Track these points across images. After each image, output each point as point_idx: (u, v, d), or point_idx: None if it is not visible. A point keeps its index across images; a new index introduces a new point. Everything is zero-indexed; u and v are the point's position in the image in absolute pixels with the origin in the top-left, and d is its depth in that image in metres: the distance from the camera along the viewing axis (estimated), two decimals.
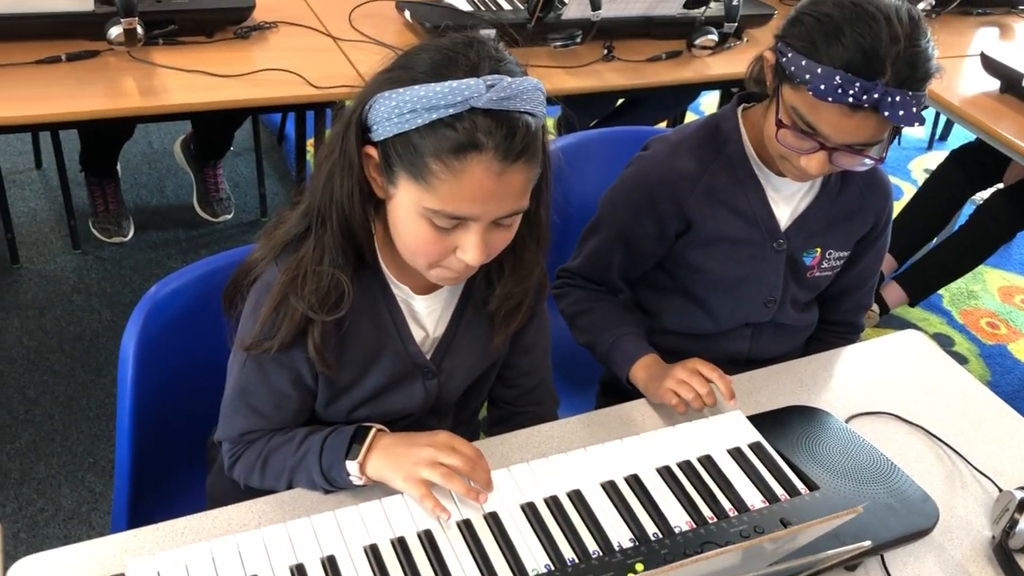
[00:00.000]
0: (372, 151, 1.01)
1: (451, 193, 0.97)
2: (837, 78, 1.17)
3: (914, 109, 1.17)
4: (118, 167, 2.81)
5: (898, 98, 1.16)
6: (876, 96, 1.16)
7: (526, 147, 0.97)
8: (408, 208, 1.01)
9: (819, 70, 1.18)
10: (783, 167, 1.34)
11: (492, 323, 1.20)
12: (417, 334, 1.17)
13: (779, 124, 1.27)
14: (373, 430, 1.10)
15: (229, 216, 2.92)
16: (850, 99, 1.16)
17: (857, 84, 1.16)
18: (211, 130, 2.80)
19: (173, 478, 1.41)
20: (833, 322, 1.59)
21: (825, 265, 1.48)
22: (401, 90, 0.96)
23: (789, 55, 1.22)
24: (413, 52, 1.01)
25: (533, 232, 1.13)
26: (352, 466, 1.07)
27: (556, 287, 1.52)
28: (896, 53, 1.16)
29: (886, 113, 1.17)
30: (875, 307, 2.80)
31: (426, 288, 1.15)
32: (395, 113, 0.96)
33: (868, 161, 1.27)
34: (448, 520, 1.05)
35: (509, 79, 0.96)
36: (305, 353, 1.10)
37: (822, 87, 1.17)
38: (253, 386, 1.13)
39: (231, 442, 1.18)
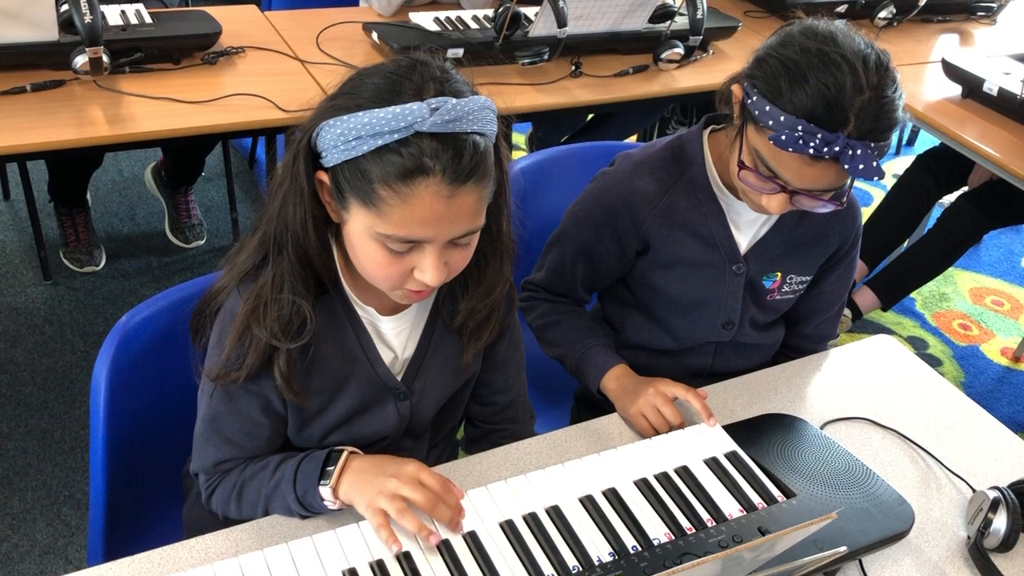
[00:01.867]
0: (324, 177, 1.01)
1: (401, 218, 0.97)
2: (799, 128, 1.15)
3: (874, 162, 1.15)
4: (88, 196, 2.79)
5: (859, 151, 1.14)
6: (837, 149, 1.14)
7: (475, 167, 0.97)
8: (361, 233, 1.01)
9: (782, 118, 1.16)
10: (746, 201, 1.33)
11: (461, 339, 1.20)
12: (386, 356, 1.17)
13: (741, 165, 1.26)
14: (345, 453, 1.09)
15: (201, 242, 2.91)
16: (811, 151, 1.15)
17: (819, 136, 1.14)
18: (182, 156, 2.79)
19: (149, 508, 1.39)
20: (794, 348, 1.58)
21: (786, 288, 1.47)
22: (346, 117, 0.95)
23: (755, 97, 1.20)
24: (357, 78, 1.00)
25: (495, 247, 1.13)
26: (326, 491, 1.06)
27: (522, 300, 1.53)
28: (861, 103, 1.14)
29: (846, 165, 1.15)
30: (847, 312, 2.82)
31: (392, 309, 1.15)
32: (341, 140, 0.96)
33: (830, 204, 1.25)
34: (398, 551, 1.03)
35: (454, 101, 0.95)
36: (272, 380, 1.09)
37: (783, 137, 1.16)
38: (223, 415, 1.12)
39: (206, 473, 1.17)
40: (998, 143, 2.26)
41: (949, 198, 2.96)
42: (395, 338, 1.17)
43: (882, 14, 2.79)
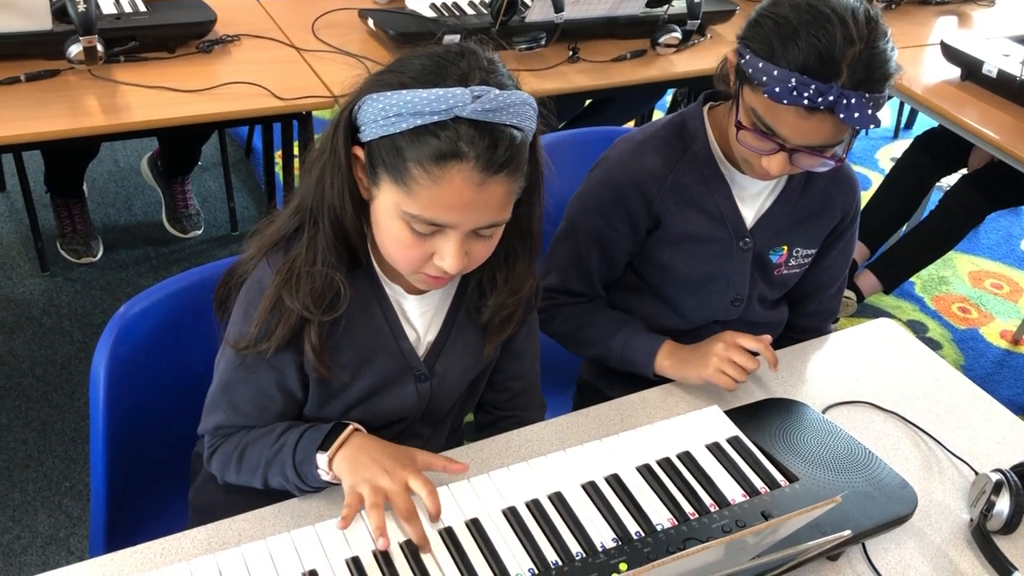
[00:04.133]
0: (359, 152, 1.02)
1: (430, 199, 0.97)
2: (792, 80, 1.17)
3: (870, 111, 1.17)
4: (84, 187, 2.78)
5: (853, 100, 1.16)
6: (831, 98, 1.16)
7: (508, 159, 0.97)
8: (388, 210, 1.01)
9: (776, 72, 1.18)
10: (745, 168, 1.35)
11: (484, 331, 1.20)
12: (410, 334, 1.17)
13: (739, 126, 1.27)
14: (350, 427, 1.09)
15: (199, 232, 2.90)
16: (805, 101, 1.16)
17: (812, 86, 1.16)
18: (178, 146, 2.78)
19: (151, 498, 1.39)
20: (799, 328, 1.58)
21: (792, 263, 1.47)
22: (389, 93, 0.96)
23: (748, 57, 1.23)
24: (407, 57, 1.01)
25: (526, 243, 1.14)
26: (322, 459, 1.06)
27: (540, 309, 1.48)
28: (852, 55, 1.16)
29: (841, 115, 1.17)
30: (851, 294, 2.82)
31: (418, 289, 1.15)
32: (381, 115, 0.97)
33: (829, 162, 1.26)
34: (342, 528, 1.03)
35: (497, 91, 0.96)
36: (293, 356, 1.10)
37: (777, 89, 1.17)
38: (237, 383, 1.13)
39: (211, 435, 1.18)
40: (998, 125, 2.25)
41: (948, 180, 2.95)
42: (419, 318, 1.17)
43: None
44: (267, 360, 1.10)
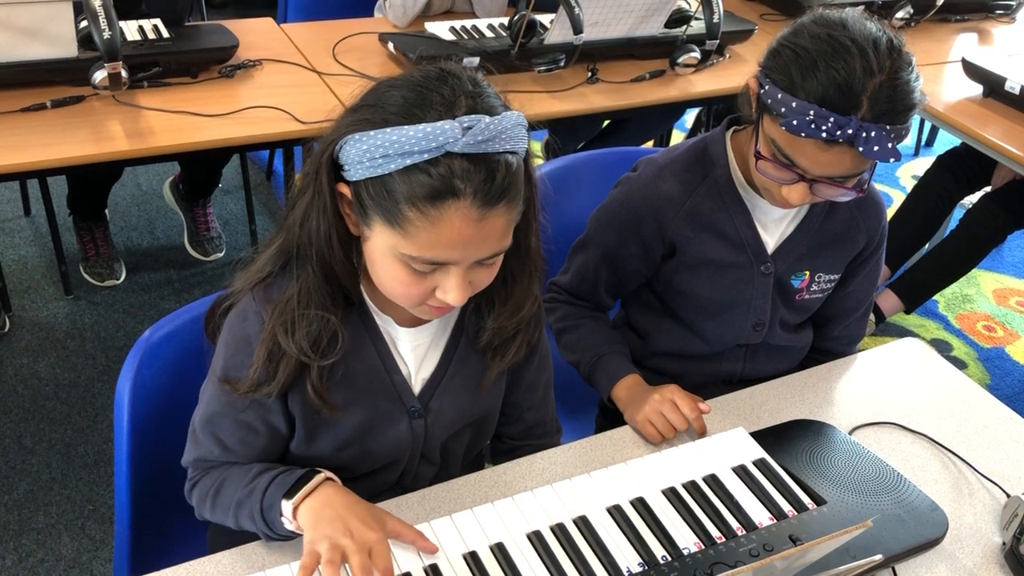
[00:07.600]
0: (345, 190, 0.97)
1: (428, 240, 0.94)
2: (811, 113, 1.15)
3: (890, 144, 1.14)
4: (106, 210, 2.81)
5: (873, 133, 1.14)
6: (850, 131, 1.14)
7: (507, 189, 0.94)
8: (384, 252, 0.98)
9: (794, 104, 1.16)
10: (766, 196, 1.33)
11: (485, 358, 1.16)
12: (402, 369, 1.13)
13: (758, 155, 1.26)
14: (321, 476, 1.06)
15: (221, 254, 2.92)
16: (823, 134, 1.15)
17: (831, 119, 1.14)
18: (199, 169, 2.81)
19: (174, 522, 1.39)
20: (824, 351, 1.56)
21: (815, 287, 1.46)
22: (373, 133, 0.92)
23: (767, 87, 1.21)
24: (383, 88, 0.96)
25: (523, 264, 1.10)
26: (287, 506, 1.03)
27: (546, 301, 1.50)
28: (873, 86, 1.14)
29: (860, 148, 1.15)
30: (871, 315, 2.80)
31: (410, 321, 1.12)
32: (367, 157, 0.92)
33: (851, 192, 1.25)
34: None
35: (487, 119, 0.91)
36: (277, 394, 1.07)
37: (795, 122, 1.16)
38: (221, 416, 1.10)
39: (192, 467, 1.16)
40: (1021, 142, 2.23)
41: (971, 199, 2.93)
42: (412, 352, 1.14)
43: (899, 14, 2.77)
44: (257, 398, 1.07)
